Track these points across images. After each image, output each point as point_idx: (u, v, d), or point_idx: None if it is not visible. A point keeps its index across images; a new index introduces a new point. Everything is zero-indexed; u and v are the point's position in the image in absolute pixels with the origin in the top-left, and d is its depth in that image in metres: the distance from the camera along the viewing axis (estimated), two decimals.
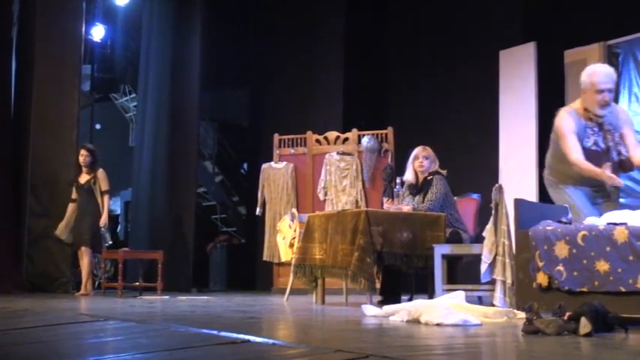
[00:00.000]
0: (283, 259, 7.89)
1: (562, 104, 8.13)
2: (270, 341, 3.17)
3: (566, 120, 4.87)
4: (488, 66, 8.70)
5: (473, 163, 8.84)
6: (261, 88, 11.45)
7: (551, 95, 8.22)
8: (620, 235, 3.87)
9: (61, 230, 8.07)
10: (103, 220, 8.02)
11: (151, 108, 10.24)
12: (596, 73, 4.85)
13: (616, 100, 7.82)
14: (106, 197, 8.06)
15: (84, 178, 8.10)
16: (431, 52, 9.79)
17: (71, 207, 8.13)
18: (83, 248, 7.94)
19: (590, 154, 4.80)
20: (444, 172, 6.30)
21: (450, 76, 9.46)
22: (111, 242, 8.42)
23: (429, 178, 6.15)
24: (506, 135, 8.45)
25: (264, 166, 9.52)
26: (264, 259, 9.35)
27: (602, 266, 3.89)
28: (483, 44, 8.99)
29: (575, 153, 4.77)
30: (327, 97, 10.37)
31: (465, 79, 9.22)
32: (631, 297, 3.78)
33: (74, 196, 8.13)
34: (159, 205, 9.95)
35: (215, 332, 3.46)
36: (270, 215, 9.36)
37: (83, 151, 8.14)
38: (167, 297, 7.69)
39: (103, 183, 8.08)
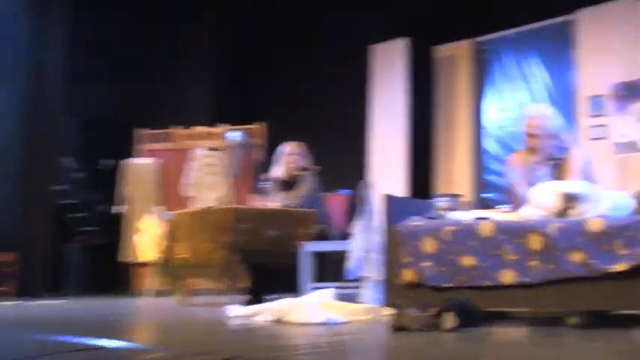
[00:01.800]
0: (145, 260, 7.62)
1: (431, 100, 8.37)
2: (128, 345, 3.04)
3: None
4: (358, 62, 8.75)
5: (344, 159, 8.84)
6: (127, 82, 11.04)
7: (421, 91, 8.36)
8: (485, 229, 3.90)
9: None
10: None
11: (5, 101, 9.64)
12: None
13: (481, 97, 8.09)
14: None
15: None
16: (304, 49, 9.73)
17: None
18: None
19: None
20: (316, 168, 6.25)
21: (323, 73, 9.43)
22: None
23: (299, 174, 6.09)
24: (377, 131, 8.52)
25: (126, 162, 9.18)
26: (125, 259, 9.00)
27: (468, 261, 3.90)
28: (354, 40, 9.01)
29: None
30: (197, 91, 10.14)
31: (336, 76, 9.22)
32: (496, 291, 3.82)
33: None
34: (11, 203, 9.36)
35: (70, 338, 3.30)
36: (133, 214, 9.03)
37: None
38: (20, 302, 7.28)
39: None
